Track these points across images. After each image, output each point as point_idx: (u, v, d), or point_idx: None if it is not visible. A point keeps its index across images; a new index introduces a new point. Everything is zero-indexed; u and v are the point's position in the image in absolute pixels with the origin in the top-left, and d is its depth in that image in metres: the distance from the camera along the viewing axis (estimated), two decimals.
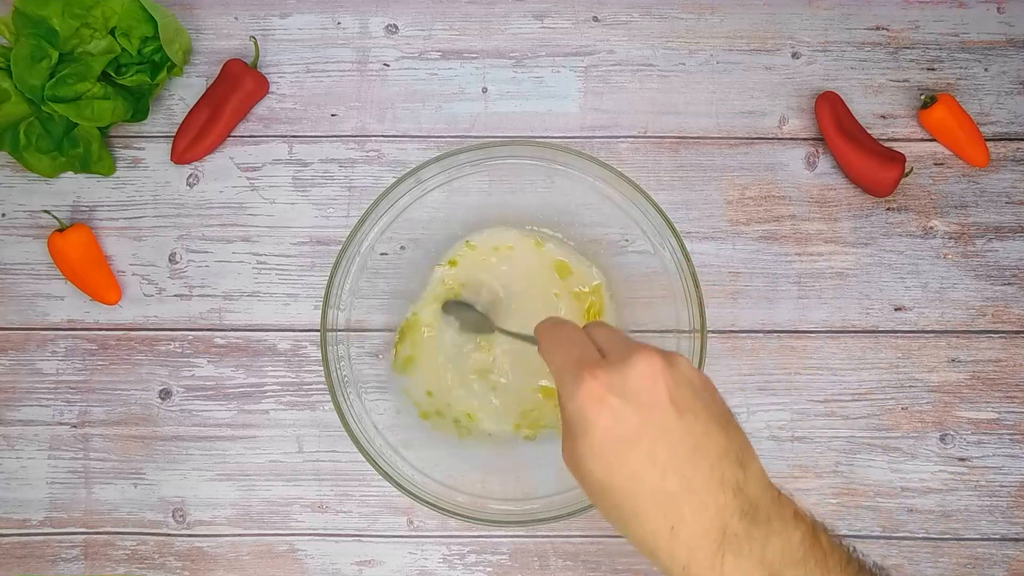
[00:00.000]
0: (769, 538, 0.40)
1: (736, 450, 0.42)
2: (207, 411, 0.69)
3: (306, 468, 0.68)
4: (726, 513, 0.40)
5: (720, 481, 0.40)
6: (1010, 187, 0.70)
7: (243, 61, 0.70)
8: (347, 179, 0.71)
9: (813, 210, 0.70)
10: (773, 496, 0.42)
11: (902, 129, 0.71)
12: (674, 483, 0.40)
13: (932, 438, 0.68)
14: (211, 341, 0.69)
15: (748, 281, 0.70)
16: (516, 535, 0.67)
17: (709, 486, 0.40)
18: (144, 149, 0.71)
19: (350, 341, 0.65)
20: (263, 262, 0.70)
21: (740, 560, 0.40)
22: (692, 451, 0.41)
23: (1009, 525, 0.67)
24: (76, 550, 0.67)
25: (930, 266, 0.70)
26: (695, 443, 0.41)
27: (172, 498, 0.68)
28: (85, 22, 0.66)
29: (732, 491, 0.40)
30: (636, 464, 0.41)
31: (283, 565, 0.67)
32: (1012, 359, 0.68)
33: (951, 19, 0.72)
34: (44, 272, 0.70)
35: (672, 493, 0.40)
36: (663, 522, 0.40)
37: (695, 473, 0.40)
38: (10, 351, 0.69)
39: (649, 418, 0.41)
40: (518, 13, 0.73)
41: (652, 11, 0.73)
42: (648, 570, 0.67)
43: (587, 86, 0.72)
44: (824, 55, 0.72)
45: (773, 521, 0.40)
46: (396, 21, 0.73)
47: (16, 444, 0.68)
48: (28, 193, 0.71)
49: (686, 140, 0.71)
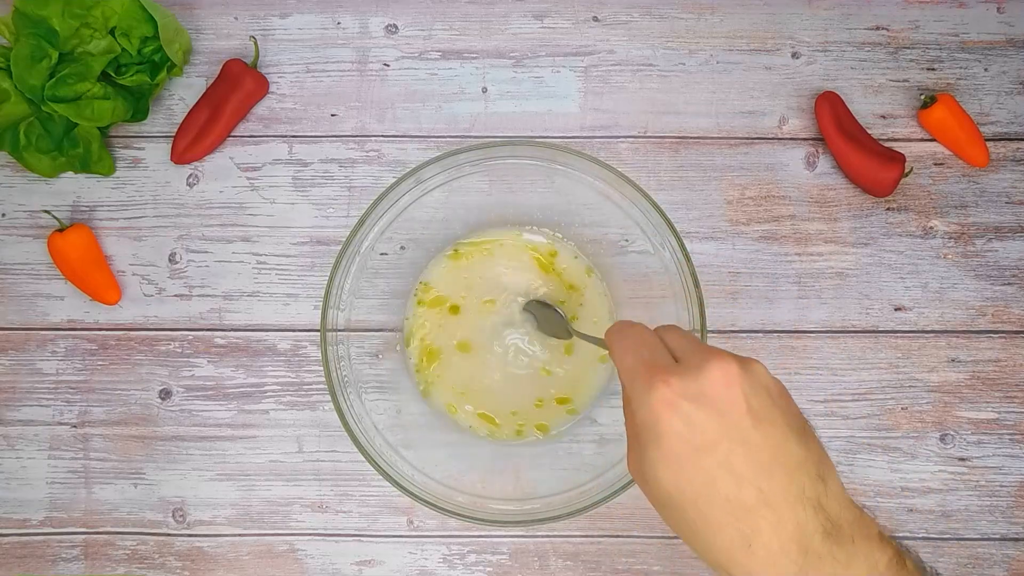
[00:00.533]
0: (852, 560, 0.38)
1: (815, 462, 0.40)
2: (207, 411, 0.69)
3: (306, 468, 0.68)
4: (807, 530, 0.38)
5: (799, 495, 0.38)
6: (1010, 187, 0.70)
7: (243, 61, 0.70)
8: (347, 179, 0.71)
9: (813, 210, 0.70)
10: (855, 515, 0.40)
11: (902, 129, 0.71)
12: (751, 495, 0.38)
13: (932, 438, 0.68)
14: (211, 341, 0.69)
15: (748, 281, 0.70)
16: (516, 535, 0.67)
17: (788, 500, 0.38)
18: (144, 149, 0.71)
19: (350, 341, 0.65)
20: (263, 262, 0.70)
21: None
22: (770, 461, 0.39)
23: (1009, 525, 0.67)
24: (76, 550, 0.67)
25: (930, 266, 0.70)
26: (773, 453, 0.39)
27: (172, 498, 0.68)
28: (85, 22, 0.66)
29: (812, 507, 0.38)
30: (710, 473, 0.39)
31: (283, 565, 0.67)
32: (1012, 359, 0.68)
33: (951, 19, 0.72)
34: (44, 272, 0.70)
35: (749, 506, 0.38)
36: (738, 537, 0.38)
37: (772, 485, 0.38)
38: (10, 351, 0.69)
39: (725, 426, 0.39)
40: (518, 13, 0.73)
41: (652, 11, 0.73)
42: (648, 571, 0.67)
43: (587, 86, 0.72)
44: (824, 55, 0.72)
45: (857, 542, 0.39)
46: (396, 21, 0.73)
47: (16, 444, 0.68)
48: (28, 193, 0.71)
49: (686, 140, 0.71)
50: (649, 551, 0.67)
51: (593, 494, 0.60)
